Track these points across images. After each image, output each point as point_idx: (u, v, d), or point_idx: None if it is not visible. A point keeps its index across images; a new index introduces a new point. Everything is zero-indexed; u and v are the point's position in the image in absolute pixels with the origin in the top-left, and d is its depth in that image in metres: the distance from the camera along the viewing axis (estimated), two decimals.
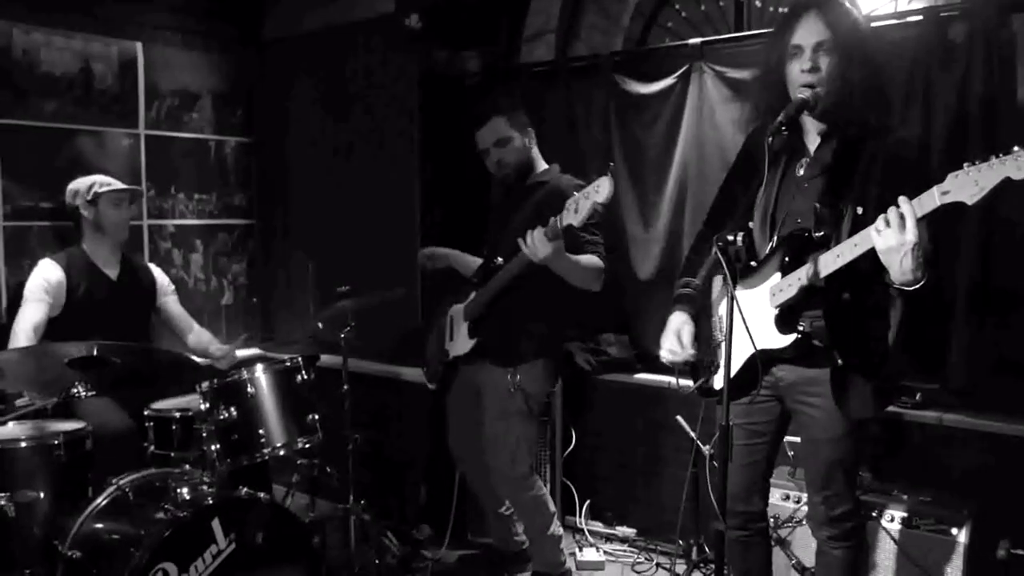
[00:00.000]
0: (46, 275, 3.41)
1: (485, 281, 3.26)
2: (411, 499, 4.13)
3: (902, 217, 1.99)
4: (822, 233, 2.27)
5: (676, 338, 2.52)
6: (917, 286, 2.07)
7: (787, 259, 2.30)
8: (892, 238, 2.01)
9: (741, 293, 2.39)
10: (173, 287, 3.85)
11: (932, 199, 1.96)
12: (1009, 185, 1.86)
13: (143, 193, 3.76)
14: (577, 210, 2.73)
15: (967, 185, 1.90)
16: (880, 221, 2.03)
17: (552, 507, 3.41)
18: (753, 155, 2.46)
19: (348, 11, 4.36)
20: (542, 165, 3.39)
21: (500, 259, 3.17)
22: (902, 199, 2.01)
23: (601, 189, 2.63)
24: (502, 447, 3.27)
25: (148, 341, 3.73)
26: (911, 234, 1.99)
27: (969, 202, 1.91)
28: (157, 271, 3.83)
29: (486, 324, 3.29)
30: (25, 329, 3.29)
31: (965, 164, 1.91)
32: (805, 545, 3.07)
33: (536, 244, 2.87)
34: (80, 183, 3.55)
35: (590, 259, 3.12)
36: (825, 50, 2.27)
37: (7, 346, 3.33)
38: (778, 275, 2.31)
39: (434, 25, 3.94)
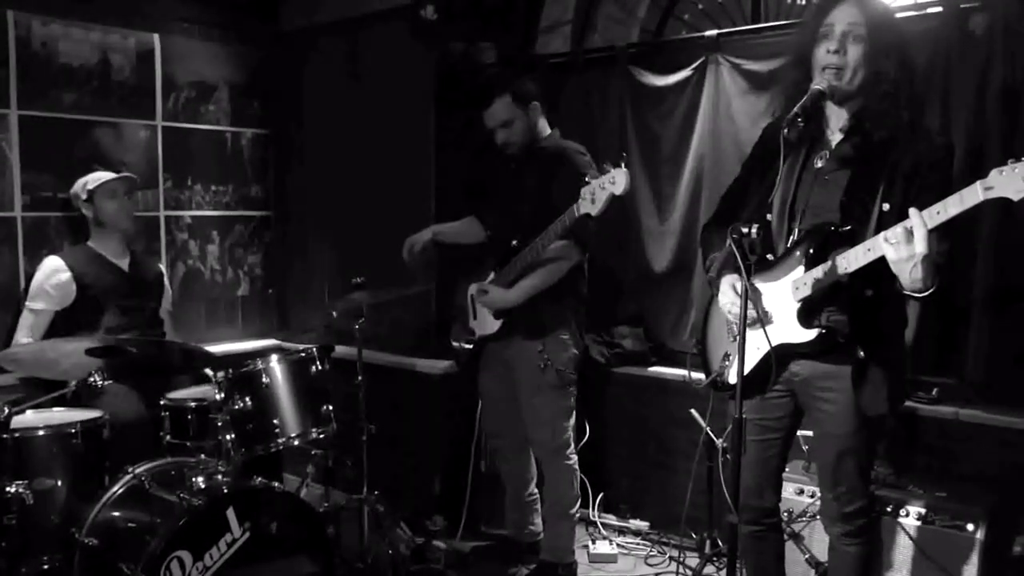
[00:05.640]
0: (50, 278, 3.49)
1: (503, 262, 3.30)
2: (425, 490, 4.14)
3: (910, 231, 1.97)
4: (848, 228, 2.25)
5: (732, 290, 2.43)
6: (927, 293, 2.04)
7: (811, 252, 2.27)
8: (902, 250, 1.99)
9: (761, 286, 2.37)
10: (171, 294, 3.93)
11: (975, 194, 1.91)
12: None
13: (136, 180, 3.76)
14: (595, 200, 2.77)
15: (1013, 181, 1.84)
16: (890, 232, 2.02)
17: (578, 489, 3.46)
18: (770, 146, 2.44)
19: (364, 2, 4.35)
20: (546, 131, 3.40)
21: (515, 241, 3.21)
22: (912, 211, 1.98)
23: (618, 181, 2.68)
24: (542, 421, 3.36)
25: (160, 328, 3.76)
26: (920, 246, 1.96)
27: (1015, 198, 1.85)
28: (164, 271, 3.94)
29: (511, 307, 3.32)
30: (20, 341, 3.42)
31: (1010, 160, 1.85)
32: (819, 540, 3.05)
33: (487, 298, 3.24)
34: (78, 184, 3.64)
35: (547, 269, 3.19)
36: (855, 36, 2.24)
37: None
38: (801, 268, 2.29)
39: (450, 16, 3.92)
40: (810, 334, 2.29)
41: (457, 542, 3.82)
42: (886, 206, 2.20)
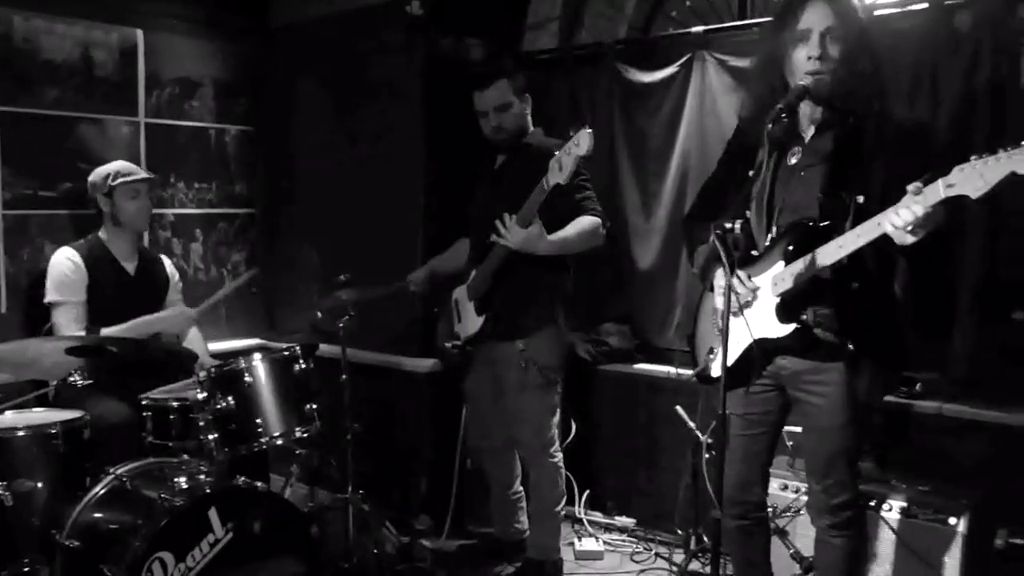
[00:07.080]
0: (66, 268, 3.38)
1: (482, 258, 3.29)
2: (410, 489, 4.13)
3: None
4: (827, 223, 2.26)
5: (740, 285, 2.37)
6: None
7: (791, 248, 2.29)
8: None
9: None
10: (180, 285, 3.84)
11: (936, 192, 1.95)
12: (1015, 178, 1.85)
13: (159, 181, 3.75)
14: (562, 167, 2.81)
15: (972, 179, 1.88)
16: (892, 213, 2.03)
17: (563, 487, 3.46)
18: (744, 145, 2.46)
19: None
20: (531, 128, 3.40)
21: (494, 236, 3.18)
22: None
23: (581, 142, 2.71)
24: (526, 420, 3.35)
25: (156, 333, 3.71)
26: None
27: (974, 196, 1.89)
28: (171, 268, 3.81)
29: (492, 299, 3.31)
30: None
31: (972, 157, 1.89)
32: (804, 535, 3.06)
33: (511, 232, 3.00)
34: (98, 174, 3.51)
35: (579, 224, 3.14)
36: (832, 37, 2.26)
37: None
38: (781, 264, 2.31)
39: (438, 12, 3.91)
40: (787, 328, 2.31)
41: (443, 541, 3.81)
42: (861, 198, 2.23)
